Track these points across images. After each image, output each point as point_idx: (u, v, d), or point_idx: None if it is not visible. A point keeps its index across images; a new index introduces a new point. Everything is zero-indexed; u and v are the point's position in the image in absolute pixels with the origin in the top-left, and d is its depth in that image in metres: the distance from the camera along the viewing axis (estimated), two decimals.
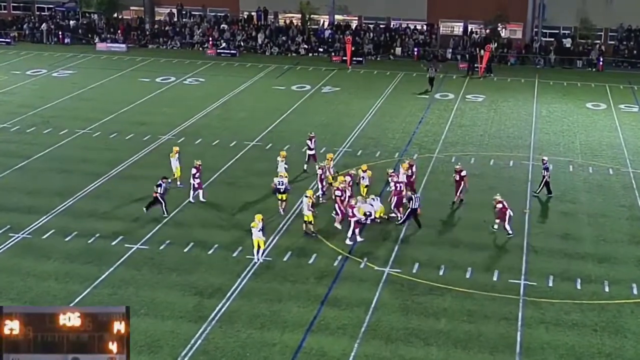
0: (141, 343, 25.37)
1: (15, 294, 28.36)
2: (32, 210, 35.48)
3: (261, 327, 26.38)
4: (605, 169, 41.99)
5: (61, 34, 76.43)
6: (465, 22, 72.99)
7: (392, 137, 47.03)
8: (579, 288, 29.21)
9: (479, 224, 34.63)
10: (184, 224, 34.31)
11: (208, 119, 50.80)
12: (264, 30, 74.82)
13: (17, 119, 49.83)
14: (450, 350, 25.11)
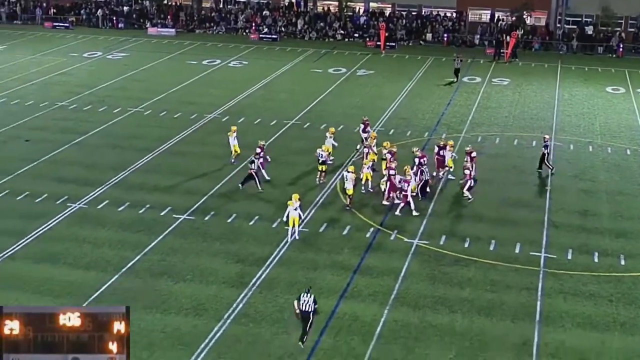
0: (187, 306, 25.68)
1: (72, 260, 28.79)
2: (88, 183, 35.86)
3: (298, 293, 26.48)
4: (623, 150, 41.61)
5: (115, 19, 76.82)
6: (493, 9, 72.34)
7: (422, 118, 46.90)
8: (596, 261, 29.10)
9: (502, 200, 34.54)
10: (228, 197, 34.53)
11: (251, 99, 50.92)
12: (303, 17, 74.68)
13: (74, 98, 50.28)
14: (474, 318, 25.18)
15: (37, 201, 33.91)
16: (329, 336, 24.11)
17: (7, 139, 42.04)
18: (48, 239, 30.53)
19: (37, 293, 26.43)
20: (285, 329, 24.42)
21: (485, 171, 37.28)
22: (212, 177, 36.62)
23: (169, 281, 27.32)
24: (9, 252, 29.31)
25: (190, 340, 23.88)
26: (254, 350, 23.43)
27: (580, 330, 24.68)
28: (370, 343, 23.81)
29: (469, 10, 73.37)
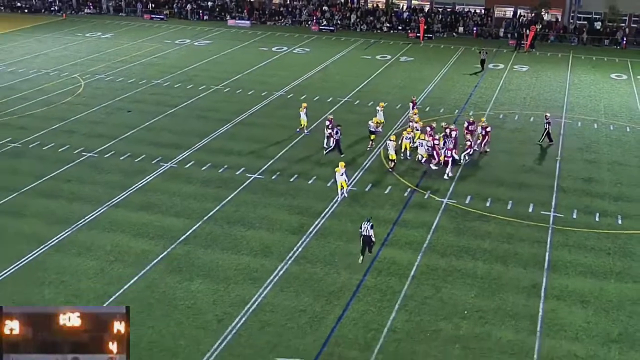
0: (256, 248, 25.91)
1: (164, 209, 29.18)
2: (177, 146, 36.19)
3: (347, 240, 26.61)
4: (623, 127, 40.67)
5: (201, 13, 76.94)
6: (516, 7, 71.03)
7: (453, 98, 46.29)
8: (597, 220, 28.64)
9: (519, 167, 34.08)
10: (291, 160, 34.56)
11: (311, 80, 50.75)
12: (355, 12, 74.04)
13: (167, 77, 50.65)
14: (493, 264, 25.04)
15: (137, 161, 34.35)
16: (371, 276, 24.17)
17: (114, 110, 42.59)
18: (145, 192, 30.96)
19: (135, 235, 26.91)
20: (336, 269, 24.53)
21: (505, 143, 36.91)
22: (278, 143, 36.69)
23: (241, 228, 27.57)
24: (114, 202, 29.83)
25: (259, 276, 24.14)
26: (309, 286, 23.60)
27: (581, 277, 24.42)
28: (405, 283, 23.83)
29: (495, 7, 72.06)
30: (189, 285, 23.60)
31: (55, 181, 31.93)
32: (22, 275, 24.16)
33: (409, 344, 20.79)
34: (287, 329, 21.35)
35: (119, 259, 25.20)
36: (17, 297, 22.77)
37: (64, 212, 28.77)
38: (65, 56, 56.85)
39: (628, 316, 22.33)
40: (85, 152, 35.39)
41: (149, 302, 22.62)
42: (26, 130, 38.43)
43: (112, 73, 51.55)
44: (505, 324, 21.74)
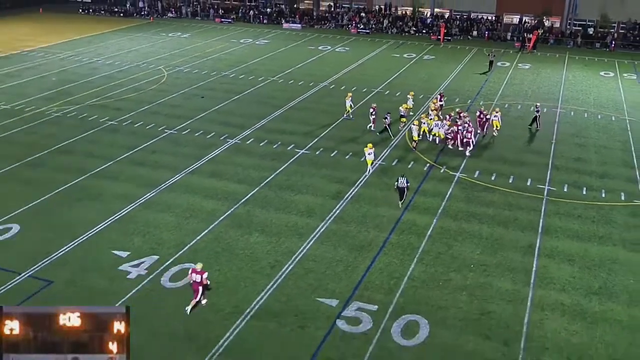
0: (302, 210, 26.10)
1: (229, 176, 29.42)
2: (241, 126, 36.41)
3: (376, 205, 26.66)
4: (609, 116, 39.67)
5: (262, 17, 76.78)
6: (521, 15, 69.38)
7: (467, 90, 45.57)
8: (584, 193, 28.16)
9: (520, 148, 33.59)
10: (332, 139, 34.52)
11: (350, 74, 50.41)
12: (388, 18, 73.05)
13: (233, 69, 50.83)
14: (495, 228, 24.87)
15: (208, 137, 34.69)
16: (395, 234, 24.22)
17: (190, 96, 42.95)
18: (214, 162, 31.28)
19: (206, 197, 27.30)
20: (366, 228, 24.64)
21: (509, 128, 36.27)
22: (321, 125, 36.67)
23: (291, 193, 27.77)
24: (190, 170, 30.24)
25: (304, 232, 24.37)
26: (345, 241, 23.77)
27: (569, 240, 24.13)
28: (423, 240, 23.84)
29: (504, 14, 70.50)
30: (248, 238, 23.96)
31: (143, 152, 32.49)
32: (117, 227, 24.79)
33: (424, 290, 20.88)
34: (326, 275, 21.60)
35: (193, 216, 25.66)
36: (113, 244, 23.41)
37: (149, 177, 29.31)
38: (152, 52, 57.41)
39: (607, 273, 22.06)
40: (167, 129, 35.88)
41: (216, 251, 23.06)
42: (121, 111, 39.08)
43: (189, 66, 51.94)
44: (504, 277, 21.67)
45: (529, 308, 20.06)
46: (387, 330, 18.93)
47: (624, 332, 19.14)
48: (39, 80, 46.18)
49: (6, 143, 33.44)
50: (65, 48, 58.29)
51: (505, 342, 18.60)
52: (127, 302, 20.02)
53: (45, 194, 27.42)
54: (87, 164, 30.56)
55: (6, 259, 22.35)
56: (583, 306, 20.22)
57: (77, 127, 35.93)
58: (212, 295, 20.41)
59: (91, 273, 21.61)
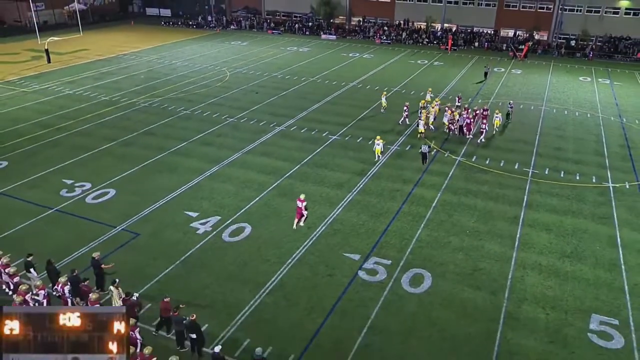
0: (334, 183, 26.01)
1: (276, 156, 29.30)
2: (286, 116, 36.32)
3: (392, 181, 26.45)
4: (585, 114, 38.39)
5: (304, 29, 76.08)
6: (515, 29, 67.28)
7: (468, 90, 44.61)
8: (562, 176, 27.46)
9: (510, 138, 32.78)
10: (359, 128, 34.19)
11: (374, 76, 49.69)
12: (406, 31, 71.66)
13: (282, 71, 50.61)
14: (488, 202, 24.48)
15: (260, 124, 34.71)
16: (407, 205, 24.04)
17: (246, 92, 42.93)
18: (265, 145, 31.28)
19: (258, 172, 27.40)
20: (384, 200, 24.48)
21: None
22: (351, 116, 36.35)
23: (324, 170, 27.72)
24: (246, 150, 30.35)
25: (334, 201, 24.36)
26: (367, 209, 23.69)
27: (548, 213, 23.63)
28: (429, 210, 23.62)
29: (501, 29, 68.47)
30: (291, 204, 24.08)
31: (210, 136, 32.66)
32: (189, 193, 25.16)
33: (429, 250, 20.77)
34: (351, 235, 21.63)
35: (248, 186, 25.86)
36: (186, 206, 23.80)
37: (215, 155, 29.56)
38: (218, 56, 57.54)
39: (578, 241, 21.59)
40: (229, 118, 36.06)
41: (265, 214, 23.25)
42: (192, 102, 39.37)
43: (246, 68, 51.93)
44: (494, 241, 21.39)
45: (513, 266, 19.80)
46: (398, 280, 18.93)
47: (590, 288, 18.78)
48: (130, 78, 46.81)
49: (105, 127, 34.11)
50: (151, 52, 58.85)
51: (492, 292, 18.44)
52: (195, 253, 20.44)
53: (134, 167, 27.96)
54: (167, 144, 30.99)
55: (105, 215, 22.97)
56: (557, 266, 19.87)
57: (160, 115, 36.40)
58: (260, 247, 20.66)
59: (169, 228, 22.05)
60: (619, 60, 59.71)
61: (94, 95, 41.13)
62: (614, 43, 61.86)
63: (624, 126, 35.88)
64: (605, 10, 62.34)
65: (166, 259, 19.93)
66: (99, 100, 39.66)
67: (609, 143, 32.59)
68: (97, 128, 33.75)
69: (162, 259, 19.95)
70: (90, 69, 50.03)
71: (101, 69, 50.27)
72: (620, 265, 20.06)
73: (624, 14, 61.76)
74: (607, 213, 23.86)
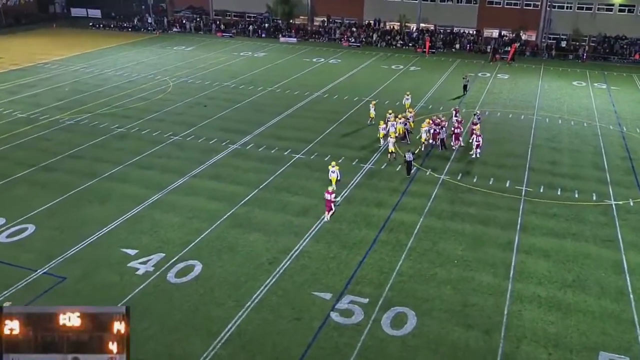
0: (298, 209, 26.03)
1: (230, 179, 29.27)
2: (240, 132, 36.32)
3: (366, 205, 26.63)
4: (581, 123, 39.79)
5: (260, 32, 76.70)
6: (500, 29, 69.59)
7: (449, 98, 45.69)
8: (559, 194, 28.21)
9: (499, 152, 33.59)
10: (325, 144, 34.50)
11: (342, 84, 50.40)
12: (377, 32, 73.14)
13: (234, 80, 50.74)
14: (477, 226, 24.88)
15: (210, 143, 34.59)
16: (385, 233, 24.20)
17: (193, 105, 42.82)
18: (216, 166, 31.18)
19: (209, 198, 27.22)
20: (358, 227, 24.59)
21: (489, 133, 36.25)
22: (315, 131, 36.60)
23: (287, 194, 27.71)
24: (194, 173, 30.13)
25: (300, 230, 24.31)
26: (338, 239, 23.71)
27: (545, 237, 24.16)
28: (410, 238, 23.82)
29: (484, 29, 70.70)
30: (248, 236, 23.88)
31: (150, 157, 32.37)
32: (126, 227, 24.67)
33: (412, 283, 20.87)
34: (320, 271, 21.56)
35: (196, 216, 25.57)
36: (122, 242, 23.30)
37: (156, 180, 29.20)
38: (158, 64, 57.27)
39: (580, 267, 22.11)
40: (173, 135, 35.77)
41: (218, 249, 22.98)
42: (129, 119, 38.94)
43: (192, 77, 51.84)
44: (485, 271, 21.68)
45: (509, 300, 20.07)
46: (377, 321, 18.90)
47: (596, 322, 19.18)
48: (53, 91, 45.98)
49: (22, 149, 33.27)
50: (77, 61, 58.07)
51: (486, 331, 18.61)
52: (135, 297, 19.94)
53: (58, 197, 27.29)
54: (98, 168, 30.43)
55: (22, 257, 22.21)
56: (558, 298, 20.25)
57: (89, 134, 35.78)
58: (213, 289, 20.34)
59: (102, 269, 21.49)
60: (615, 62, 62.43)
61: (8, 112, 40.19)
62: (609, 43, 64.69)
63: (624, 135, 37.33)
64: (597, 7, 65.23)
65: (99, 306, 19.33)
66: (15, 118, 38.75)
67: (609, 155, 33.78)
68: (11, 151, 32.90)
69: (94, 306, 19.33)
70: (4, 80, 48.93)
71: (17, 80, 49.23)
72: (628, 294, 20.60)
73: (617, 10, 64.75)
74: (610, 234, 24.59)
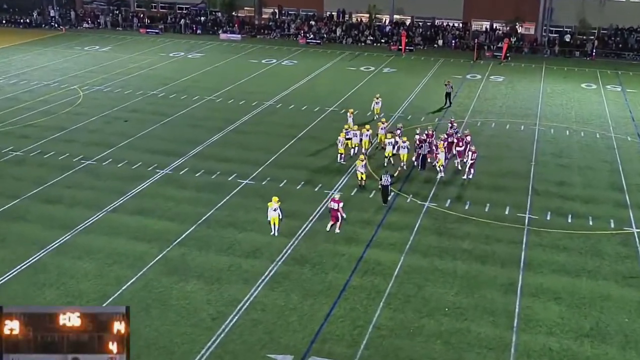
0: (248, 250, 25.85)
1: (160, 213, 29.05)
2: (172, 154, 36.09)
3: (334, 242, 26.62)
4: (593, 134, 40.92)
5: (195, 27, 76.88)
6: (491, 21, 71.41)
7: (433, 107, 46.41)
8: (569, 221, 28.78)
9: (496, 171, 34.18)
10: (280, 166, 34.54)
11: (299, 91, 50.76)
12: (341, 26, 74.16)
13: (162, 88, 50.54)
14: (472, 264, 25.11)
15: (133, 167, 34.23)
16: (357, 276, 24.18)
17: (111, 120, 42.42)
18: (142, 197, 30.86)
19: (132, 238, 26.81)
20: (324, 270, 24.53)
21: (483, 148, 36.77)
22: (267, 150, 36.64)
23: (234, 231, 27.53)
24: (113, 207, 29.70)
25: (250, 276, 24.10)
26: (298, 285, 23.59)
27: (555, 275, 24.52)
28: (390, 282, 23.85)
29: (473, 21, 72.43)
30: (184, 285, 23.53)
31: (56, 187, 31.77)
32: (25, 278, 24.00)
33: (393, 339, 20.82)
34: (278, 327, 21.34)
35: (117, 261, 25.09)
36: (20, 299, 22.63)
37: (64, 217, 28.63)
38: (65, 68, 56.63)
39: (599, 312, 22.45)
40: (85, 159, 35.24)
41: (147, 303, 22.55)
42: (28, 139, 38.23)
43: (109, 84, 51.40)
44: (484, 320, 21.82)
45: (513, 355, 20.19)
46: None
47: None
48: None
49: None
50: None
51: None
52: None
53: None
54: None
55: None
56: (574, 350, 20.47)
57: None
58: (140, 354, 19.88)
59: None
60: (631, 60, 64.67)
61: None
62: (623, 36, 67.04)
63: None
64: None
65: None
66: None
67: (628, 172, 34.74)
68: None
69: None
70: None
71: None
72: None
73: None
74: (633, 270, 25.11)
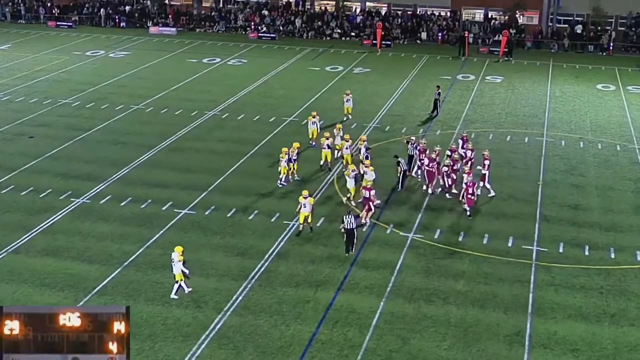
0: (188, 298, 25.67)
1: (76, 253, 28.77)
2: (91, 178, 35.81)
3: (296, 285, 26.55)
4: (613, 145, 41.58)
5: (117, 18, 76.77)
6: (486, 9, 72.35)
7: (417, 115, 46.80)
8: (587, 254, 29.09)
9: (498, 196, 34.40)
10: (227, 192, 34.47)
11: (250, 97, 50.85)
12: (301, 16, 74.64)
13: (77, 96, 50.21)
14: (468, 309, 25.19)
15: (42, 196, 33.87)
16: (326, 327, 24.10)
17: (12, 137, 41.98)
18: (52, 233, 30.50)
19: (40, 286, 26.41)
20: (284, 321, 24.42)
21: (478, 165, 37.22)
22: (211, 172, 36.58)
23: (169, 274, 27.27)
24: (14, 246, 29.29)
25: (191, 331, 23.89)
26: (253, 341, 23.43)
27: (571, 321, 24.68)
28: (367, 334, 23.80)
29: (463, 9, 73.34)
30: None
31: None
32: None
33: None
34: None
35: None
36: None
37: None
38: None
39: None
40: None
41: None
42: None
43: (9, 92, 50.90)
44: None
45: None
46: None
47: None
48: None
49: None
50: None
51: None
52: None
53: None
54: None
55: None
56: None
57: None
58: None
59: None
60: None
61: None
62: None
63: None
64: None
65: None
66: None
67: None
68: None
69: None
70: None
71: None
72: None
73: None
74: None
